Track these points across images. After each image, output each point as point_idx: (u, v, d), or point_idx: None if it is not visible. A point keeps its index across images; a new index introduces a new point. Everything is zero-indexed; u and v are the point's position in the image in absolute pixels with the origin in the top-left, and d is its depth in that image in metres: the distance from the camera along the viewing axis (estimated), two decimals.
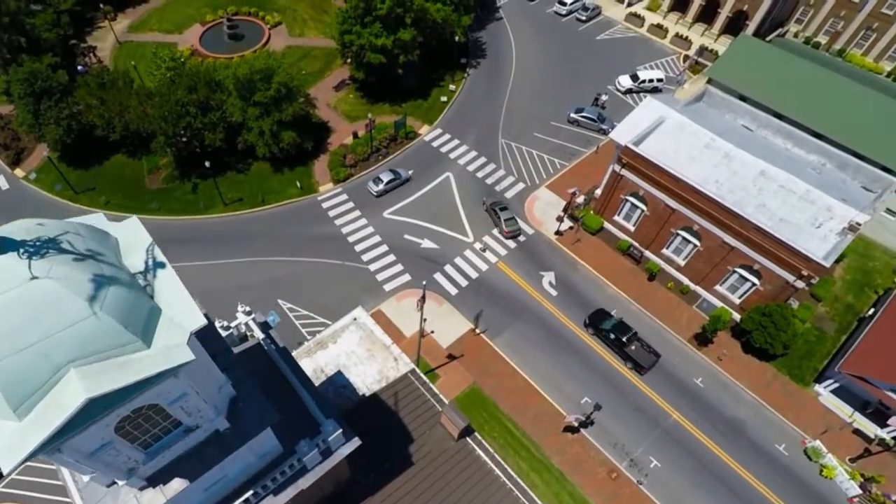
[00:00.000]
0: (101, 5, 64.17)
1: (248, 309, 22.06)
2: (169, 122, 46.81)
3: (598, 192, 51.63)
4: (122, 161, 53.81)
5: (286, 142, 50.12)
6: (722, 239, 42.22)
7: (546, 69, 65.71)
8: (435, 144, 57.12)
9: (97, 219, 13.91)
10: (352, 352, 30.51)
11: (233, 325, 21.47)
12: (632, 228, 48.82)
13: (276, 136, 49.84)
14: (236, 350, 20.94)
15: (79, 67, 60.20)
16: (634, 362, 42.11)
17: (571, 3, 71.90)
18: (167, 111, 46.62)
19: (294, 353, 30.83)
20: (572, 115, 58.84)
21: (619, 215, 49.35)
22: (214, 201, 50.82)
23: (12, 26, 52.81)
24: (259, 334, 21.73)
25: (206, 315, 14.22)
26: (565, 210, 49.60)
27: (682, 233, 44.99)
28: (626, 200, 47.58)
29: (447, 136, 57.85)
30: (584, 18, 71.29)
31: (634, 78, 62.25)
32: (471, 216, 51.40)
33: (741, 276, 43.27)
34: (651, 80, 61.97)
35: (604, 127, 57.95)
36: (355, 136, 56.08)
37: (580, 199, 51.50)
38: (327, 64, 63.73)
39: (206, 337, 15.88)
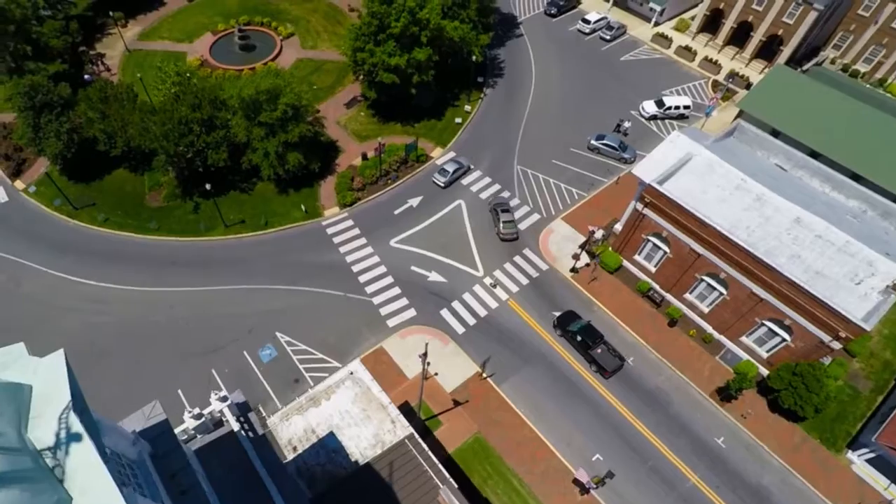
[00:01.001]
0: (111, 13, 63.18)
1: (223, 394, 20.02)
2: (170, 140, 45.38)
3: (618, 226, 49.20)
4: (124, 176, 52.56)
5: (292, 164, 48.46)
6: (751, 289, 39.62)
7: (567, 91, 63.39)
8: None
9: (15, 352, 11.77)
10: (346, 411, 28.53)
11: (206, 411, 19.42)
12: (653, 270, 46.33)
13: (282, 157, 48.22)
14: (208, 438, 18.89)
15: (86, 76, 59.34)
16: (598, 365, 41.84)
17: (595, 22, 69.51)
18: (169, 129, 45.18)
19: (285, 410, 29.01)
20: (593, 142, 56.45)
21: (639, 255, 46.89)
22: (215, 222, 49.30)
23: (18, 34, 51.88)
24: (234, 425, 19.61)
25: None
26: (583, 247, 47.28)
27: (708, 279, 42.43)
28: (648, 240, 45.12)
29: (461, 160, 55.76)
30: (608, 38, 68.85)
31: (660, 104, 59.68)
32: (482, 248, 49.26)
33: (770, 329, 40.61)
34: (677, 107, 59.36)
35: (626, 156, 55.51)
36: (364, 157, 54.25)
37: (598, 235, 49.10)
38: (339, 79, 62.06)
39: (155, 437, 13.89)
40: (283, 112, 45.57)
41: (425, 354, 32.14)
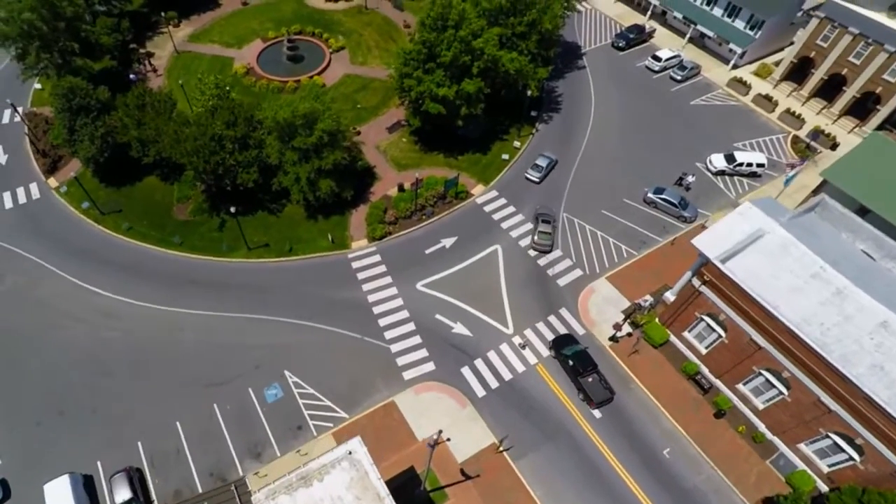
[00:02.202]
0: (163, 13, 63.59)
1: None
2: (201, 156, 44.43)
3: (669, 295, 45.18)
4: (154, 184, 52.22)
5: (323, 191, 46.87)
6: (818, 397, 35.04)
7: (627, 134, 59.51)
8: (487, 209, 52.27)
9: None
10: (339, 497, 26.09)
11: None
12: (703, 351, 42.09)
13: (313, 183, 46.63)
14: None
15: (131, 76, 59.77)
16: (586, 395, 40.55)
17: (667, 60, 65.36)
18: (201, 145, 44.25)
19: (273, 486, 26.79)
20: (650, 194, 52.46)
21: (689, 332, 42.74)
22: (239, 243, 48.13)
23: (68, 31, 52.38)
24: None
25: None
26: (628, 316, 43.54)
27: (767, 374, 37.99)
28: (702, 319, 40.99)
29: (502, 201, 52.87)
30: (679, 78, 64.56)
31: (730, 159, 55.06)
32: (514, 302, 46.15)
33: (836, 444, 35.82)
34: (750, 165, 54.60)
35: (685, 214, 51.28)
36: (401, 188, 52.11)
37: (646, 302, 45.21)
38: (385, 100, 60.28)
39: None
40: (318, 138, 43.95)
41: (434, 444, 29.40)
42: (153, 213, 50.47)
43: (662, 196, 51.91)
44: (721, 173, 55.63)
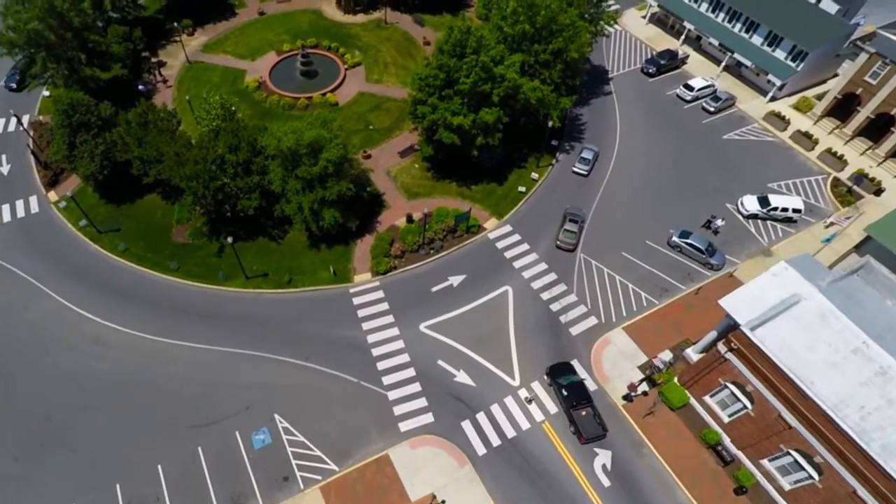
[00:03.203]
0: (176, 23, 62.30)
1: None
2: (200, 181, 42.71)
3: (690, 352, 42.20)
4: (155, 203, 50.79)
5: (327, 221, 44.79)
6: (854, 489, 31.76)
7: (653, 169, 56.39)
8: (500, 245, 49.69)
9: None
10: None
11: None
12: (726, 420, 38.96)
13: (317, 213, 44.60)
14: None
15: (140, 86, 58.59)
16: (577, 428, 39.09)
17: (700, 89, 62.02)
18: (200, 169, 42.51)
19: None
20: (675, 238, 49.33)
21: (711, 397, 39.64)
22: (236, 272, 46.31)
23: (75, 40, 51.23)
24: None
25: None
26: (646, 379, 40.66)
27: (797, 455, 34.76)
28: (726, 387, 37.89)
29: (516, 237, 50.23)
30: (712, 109, 61.15)
31: (763, 202, 51.62)
32: (522, 351, 43.51)
33: None
34: (785, 209, 51.10)
35: (712, 262, 48.06)
36: (409, 219, 49.82)
37: (664, 358, 42.24)
38: (398, 121, 58.06)
39: None
40: (323, 168, 41.86)
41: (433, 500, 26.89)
42: (151, 234, 48.98)
43: (688, 241, 48.72)
44: (753, 217, 52.19)
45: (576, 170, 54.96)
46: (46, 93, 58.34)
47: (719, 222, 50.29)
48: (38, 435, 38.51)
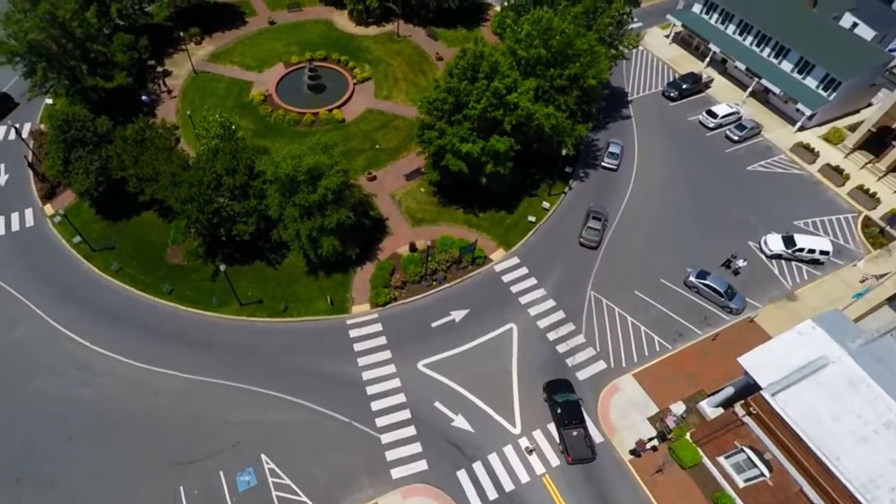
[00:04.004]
0: (182, 32, 61.10)
1: None
2: (194, 205, 41.24)
3: (705, 406, 39.79)
4: (152, 220, 49.49)
5: (325, 250, 43.04)
6: None
7: (670, 200, 53.88)
8: (506, 279, 47.58)
9: None
10: None
11: None
12: (741, 485, 36.46)
13: (315, 241, 42.86)
14: None
15: (143, 97, 57.44)
16: (565, 447, 38.42)
17: (724, 116, 59.36)
18: (195, 192, 41.03)
19: None
20: (692, 278, 46.87)
21: (726, 458, 37.17)
22: (230, 297, 44.73)
23: (77, 51, 50.12)
24: None
25: None
26: (657, 436, 38.31)
27: None
28: (742, 451, 35.40)
29: (523, 271, 48.10)
30: (736, 138, 58.45)
31: (789, 242, 48.91)
32: (525, 395, 41.36)
33: None
34: (812, 251, 48.34)
35: (732, 305, 45.52)
36: (412, 248, 47.95)
37: (677, 412, 39.86)
38: (406, 142, 56.22)
39: None
40: (321, 196, 40.11)
41: None
42: (146, 254, 47.64)
43: (706, 282, 46.21)
44: (777, 257, 49.49)
45: (605, 165, 55.51)
46: (49, 100, 57.45)
47: (741, 263, 47.68)
48: (16, 466, 37.11)
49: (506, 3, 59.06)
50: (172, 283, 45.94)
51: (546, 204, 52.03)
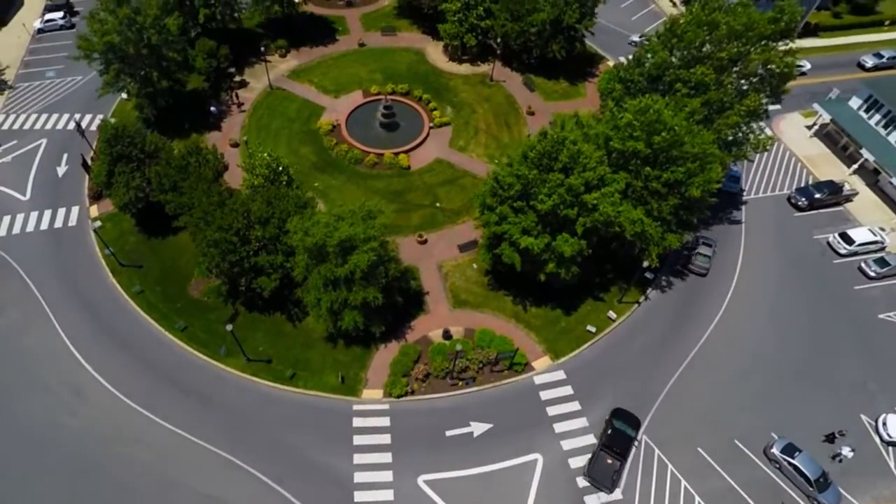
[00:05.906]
0: (269, 43, 60.90)
1: None
2: (217, 250, 39.69)
3: None
4: (186, 243, 48.95)
5: (346, 324, 40.04)
6: None
7: (769, 339, 45.87)
8: (544, 396, 42.37)
9: None
10: None
11: None
12: None
13: (336, 313, 39.96)
14: None
15: (212, 108, 57.74)
16: (591, 465, 38.28)
17: (862, 243, 50.26)
18: (221, 237, 39.44)
19: None
20: (776, 450, 39.30)
21: None
22: (239, 350, 42.87)
23: (152, 57, 50.72)
24: None
25: None
26: None
27: None
28: None
29: (567, 390, 42.63)
30: (873, 274, 49.19)
31: None
32: None
33: None
34: None
35: (821, 500, 37.47)
36: (446, 334, 44.05)
37: None
38: (470, 204, 52.06)
39: None
40: (349, 273, 37.03)
41: None
42: (170, 280, 47.22)
43: (794, 461, 38.43)
44: (895, 445, 40.54)
45: (694, 268, 49.78)
46: (125, 95, 59.10)
47: (846, 453, 39.09)
48: None
49: (621, 63, 53.39)
50: (188, 319, 45.07)
51: (612, 314, 45.99)
